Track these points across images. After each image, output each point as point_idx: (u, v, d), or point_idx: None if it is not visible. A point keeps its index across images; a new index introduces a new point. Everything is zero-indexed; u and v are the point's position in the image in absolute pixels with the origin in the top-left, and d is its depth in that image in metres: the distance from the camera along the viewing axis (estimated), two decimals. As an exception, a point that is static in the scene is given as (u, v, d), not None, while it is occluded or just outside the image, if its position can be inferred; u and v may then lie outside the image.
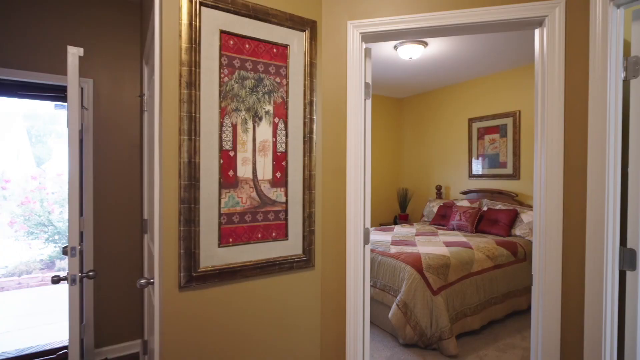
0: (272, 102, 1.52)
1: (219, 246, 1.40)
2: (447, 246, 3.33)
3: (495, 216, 4.03)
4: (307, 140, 1.60)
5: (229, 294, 1.43)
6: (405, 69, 4.36)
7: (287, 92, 1.56)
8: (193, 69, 1.33)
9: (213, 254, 1.39)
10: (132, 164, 2.66)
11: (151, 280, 1.47)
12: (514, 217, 3.91)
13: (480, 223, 4.15)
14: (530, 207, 4.04)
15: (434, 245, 3.37)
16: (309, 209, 1.61)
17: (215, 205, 1.39)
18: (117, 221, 2.62)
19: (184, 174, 1.32)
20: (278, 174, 1.55)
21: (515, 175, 4.30)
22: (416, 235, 3.96)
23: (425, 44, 3.50)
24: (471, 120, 4.82)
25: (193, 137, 1.33)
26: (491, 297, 3.14)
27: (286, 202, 1.57)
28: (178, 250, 1.32)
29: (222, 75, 1.40)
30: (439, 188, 5.18)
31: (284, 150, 1.56)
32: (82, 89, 2.53)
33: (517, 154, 4.28)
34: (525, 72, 4.17)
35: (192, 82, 1.32)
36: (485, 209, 4.31)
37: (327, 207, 1.68)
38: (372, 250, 3.32)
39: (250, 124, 1.47)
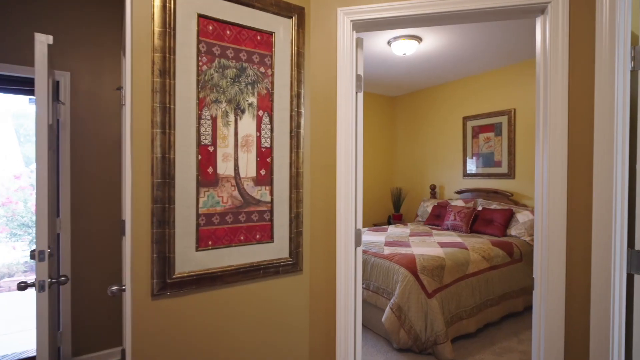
0: (256, 93, 1.41)
1: (197, 250, 1.29)
2: (441, 247, 3.24)
3: (491, 216, 3.96)
4: (294, 135, 1.49)
5: (209, 302, 1.32)
6: (399, 66, 4.27)
7: (272, 83, 1.45)
8: (167, 55, 1.21)
9: (190, 259, 1.27)
10: (112, 161, 2.53)
11: (123, 287, 1.35)
12: (509, 217, 3.84)
13: (475, 223, 4.07)
14: (525, 206, 3.98)
15: (428, 246, 3.28)
16: (296, 209, 1.50)
17: (192, 205, 1.28)
18: (97, 222, 2.49)
19: (157, 170, 1.20)
20: (262, 172, 1.43)
21: (510, 174, 4.24)
22: (410, 235, 3.87)
23: (419, 39, 3.41)
24: (466, 119, 4.74)
25: (167, 131, 1.21)
26: (487, 299, 3.06)
27: (271, 202, 1.45)
28: (150, 254, 1.20)
29: (201, 64, 1.29)
30: (433, 187, 5.10)
31: (269, 146, 1.45)
32: (57, 82, 2.39)
33: (512, 152, 4.22)
34: (521, 69, 4.11)
35: (166, 70, 1.21)
36: (480, 208, 4.23)
37: (316, 207, 1.57)
38: (365, 252, 3.22)
39: (231, 117, 1.36)
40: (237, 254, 1.37)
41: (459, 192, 4.77)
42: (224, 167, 1.34)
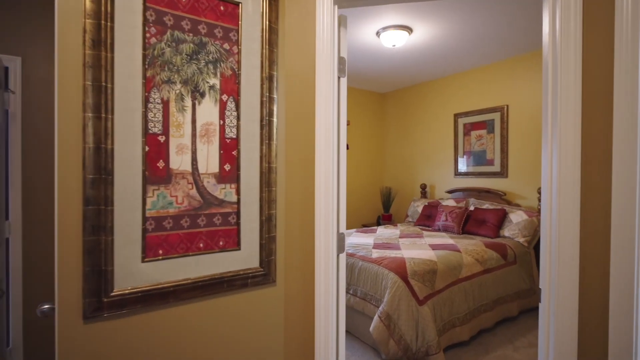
0: (218, 74, 1.19)
1: (144, 261, 1.06)
2: (433, 249, 3.06)
3: (483, 216, 3.81)
4: (266, 125, 1.28)
5: (159, 324, 1.09)
6: (389, 59, 4.08)
7: (238, 62, 1.23)
8: (103, 22, 0.98)
9: (134, 272, 1.05)
10: (71, 158, 2.27)
11: (54, 307, 1.11)
12: (502, 217, 3.69)
13: (467, 223, 3.91)
14: (519, 206, 3.83)
15: (419, 249, 3.10)
16: (267, 210, 1.28)
17: (137, 207, 1.05)
18: (53, 225, 2.23)
19: (89, 164, 0.97)
20: (227, 167, 1.21)
21: (502, 173, 4.09)
22: (400, 237, 3.68)
23: (409, 30, 3.23)
24: (457, 116, 4.59)
25: (103, 115, 0.98)
26: (481, 305, 2.89)
27: (238, 202, 1.24)
28: (82, 267, 0.97)
29: (148, 35, 1.06)
30: (423, 187, 4.94)
31: (234, 137, 1.23)
32: (6, 68, 2.12)
33: (504, 150, 4.07)
34: (514, 64, 3.97)
35: (101, 41, 0.98)
36: (472, 208, 4.08)
37: (292, 209, 1.36)
38: (352, 255, 3.02)
39: (188, 101, 1.14)
40: (195, 264, 1.15)
41: (450, 192, 4.61)
42: (179, 161, 1.12)
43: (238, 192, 1.24)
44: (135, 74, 1.04)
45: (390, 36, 3.21)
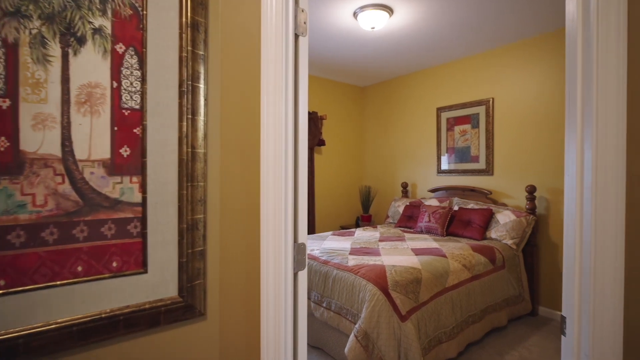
0: (109, 12, 0.80)
1: (-32, 298, 0.66)
2: (416, 255, 2.74)
3: (468, 216, 3.53)
4: (188, 92, 0.89)
5: (0, 395, 0.69)
6: (368, 45, 3.75)
7: (144, -2, 0.84)
8: None
9: (-52, 318, 0.64)
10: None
11: None
12: (488, 218, 3.43)
13: (452, 224, 3.63)
14: (505, 205, 3.58)
15: (401, 254, 2.77)
16: (191, 214, 0.90)
17: (-45, 212, 0.65)
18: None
19: None
20: (125, 151, 0.82)
21: (488, 170, 3.84)
22: (380, 240, 3.36)
23: (390, 10, 2.90)
24: (440, 110, 4.32)
25: None
26: (469, 316, 2.60)
27: (143, 203, 0.85)
28: None
29: (-23, -64, 0.66)
30: (405, 185, 4.65)
31: (138, 107, 0.84)
32: None
33: (490, 146, 3.82)
34: (500, 54, 3.72)
35: None
36: (456, 208, 3.81)
37: (231, 211, 0.98)
38: (326, 262, 2.66)
39: (55, 49, 0.74)
40: (68, 298, 0.76)
41: (433, 191, 4.34)
42: (38, 140, 0.72)
43: (143, 188, 0.85)
44: (-53, -6, 0.63)
45: (369, 17, 2.88)
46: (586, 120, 0.88)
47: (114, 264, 0.81)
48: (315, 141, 4.66)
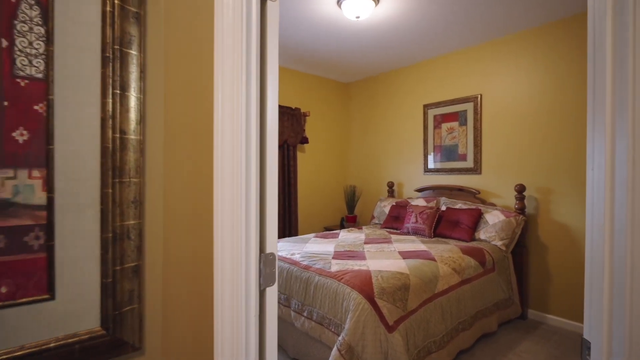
0: (-5, -58, 0.58)
1: None
2: (404, 258, 2.57)
3: (457, 217, 3.40)
4: (115, 59, 0.68)
5: None
6: (353, 37, 3.58)
7: None
8: None
9: None
10: None
11: None
12: (477, 218, 3.30)
13: (439, 225, 3.49)
14: (494, 205, 3.47)
15: (387, 258, 2.60)
16: (120, 220, 0.69)
17: None
18: None
19: None
20: (21, 135, 0.61)
21: (476, 169, 3.72)
22: (365, 242, 3.18)
23: (375, -2, 2.73)
24: (426, 107, 4.18)
25: None
26: (459, 322, 2.44)
27: (49, 206, 0.63)
28: None
29: None
30: (390, 185, 4.50)
31: (40, 76, 0.62)
32: None
33: (478, 144, 3.70)
34: (489, 49, 3.61)
35: None
36: (443, 208, 3.67)
37: (178, 216, 0.77)
38: (307, 268, 2.46)
39: None
40: None
41: (419, 190, 4.20)
42: None
43: (49, 187, 0.63)
44: None
45: (354, 4, 2.70)
46: (619, 106, 0.72)
47: (2, 290, 0.59)
48: (298, 139, 4.46)
